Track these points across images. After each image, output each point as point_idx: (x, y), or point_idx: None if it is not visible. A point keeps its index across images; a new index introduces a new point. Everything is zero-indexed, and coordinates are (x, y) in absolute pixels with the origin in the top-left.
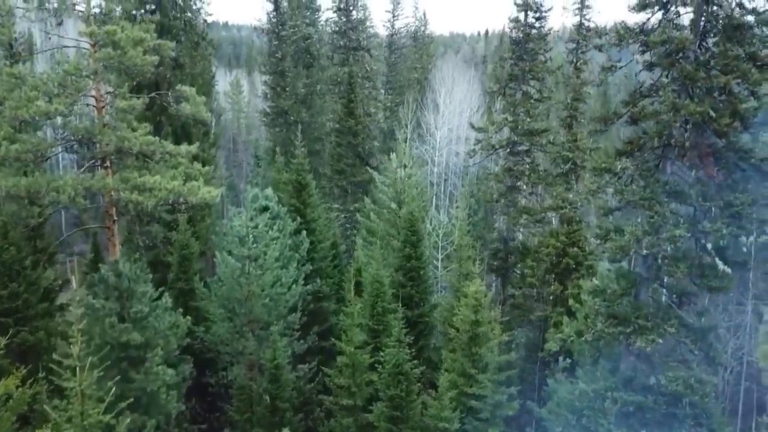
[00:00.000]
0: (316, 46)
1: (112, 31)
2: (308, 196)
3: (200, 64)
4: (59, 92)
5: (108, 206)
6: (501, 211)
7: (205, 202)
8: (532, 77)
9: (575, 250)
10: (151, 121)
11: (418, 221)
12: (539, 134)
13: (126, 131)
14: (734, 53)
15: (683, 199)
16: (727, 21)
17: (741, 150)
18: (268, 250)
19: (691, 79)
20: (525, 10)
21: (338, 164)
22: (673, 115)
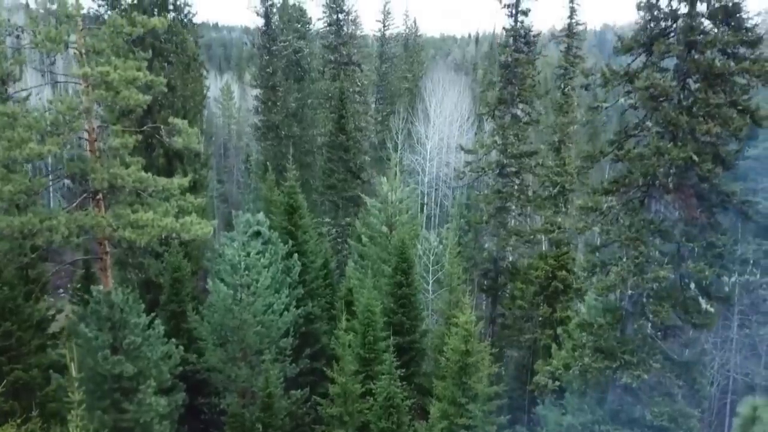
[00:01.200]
0: (306, 60)
1: (105, 72)
2: (300, 218)
3: (191, 86)
4: (52, 131)
5: (100, 238)
6: (491, 232)
7: (198, 238)
8: (521, 100)
9: (564, 273)
10: (143, 141)
11: (409, 248)
12: (528, 156)
13: (118, 168)
14: (716, 101)
15: (668, 237)
16: (709, 69)
17: (723, 193)
18: (260, 278)
19: (675, 124)
20: (514, 36)
21: (329, 179)
22: (656, 159)
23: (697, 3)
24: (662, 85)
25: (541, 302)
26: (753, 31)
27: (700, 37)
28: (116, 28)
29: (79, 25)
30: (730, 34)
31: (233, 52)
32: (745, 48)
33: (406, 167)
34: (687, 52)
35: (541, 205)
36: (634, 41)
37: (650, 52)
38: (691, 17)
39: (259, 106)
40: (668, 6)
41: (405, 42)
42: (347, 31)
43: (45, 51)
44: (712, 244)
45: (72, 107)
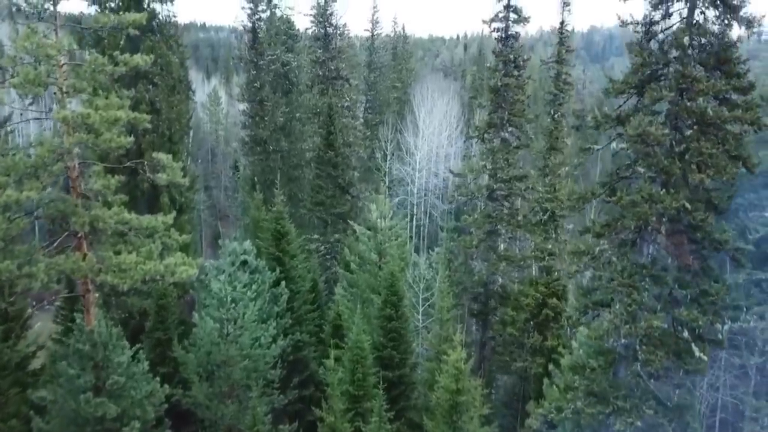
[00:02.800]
0: (294, 73)
1: (86, 115)
2: (287, 244)
3: (177, 108)
4: (31, 174)
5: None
6: (481, 256)
7: (183, 280)
8: (511, 125)
9: (555, 301)
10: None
11: (399, 280)
12: (518, 180)
13: (100, 209)
14: (709, 151)
15: (661, 283)
16: (702, 117)
17: (716, 240)
18: (246, 311)
19: (667, 172)
20: (504, 61)
21: (318, 195)
22: (649, 207)
23: (689, 49)
24: (655, 134)
25: (531, 329)
26: (745, 76)
27: (692, 84)
28: (97, 67)
29: (59, 62)
30: (722, 80)
31: (221, 53)
32: (737, 95)
33: (395, 177)
34: (679, 98)
35: (532, 230)
36: (625, 84)
37: (642, 94)
38: (683, 64)
39: (247, 120)
40: (660, 50)
41: (394, 49)
42: (335, 45)
43: (24, 93)
44: (705, 292)
45: (52, 149)
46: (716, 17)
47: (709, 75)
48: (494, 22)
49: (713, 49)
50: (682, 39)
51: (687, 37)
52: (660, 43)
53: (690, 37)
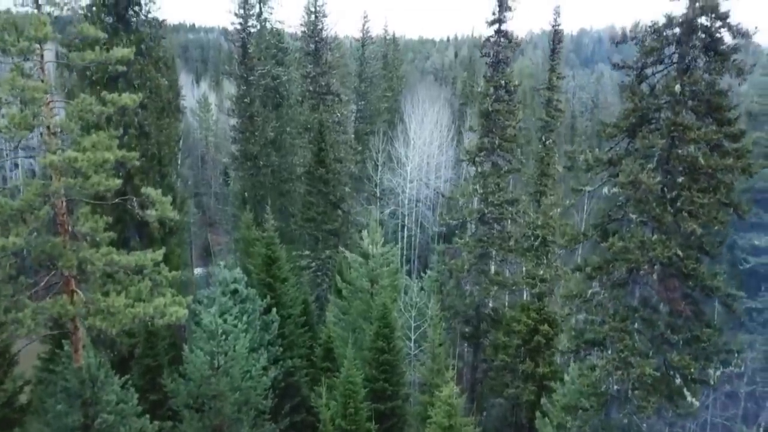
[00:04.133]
0: (285, 86)
1: (73, 159)
2: (278, 270)
3: (166, 132)
4: (17, 217)
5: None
6: (472, 280)
7: (171, 323)
8: (502, 149)
9: (546, 327)
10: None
11: (391, 312)
12: (510, 204)
13: (89, 251)
14: (700, 201)
15: (653, 327)
16: (693, 165)
17: (708, 287)
18: (237, 343)
19: (659, 220)
20: (495, 86)
21: (309, 212)
22: (640, 254)
23: (680, 96)
24: (646, 182)
25: (523, 356)
26: (736, 122)
27: (684, 131)
28: (85, 108)
29: (47, 101)
30: (713, 127)
31: (210, 54)
32: (729, 141)
33: (386, 187)
34: (671, 145)
35: (523, 254)
36: (616, 128)
37: (633, 136)
38: (674, 112)
39: (237, 135)
40: (651, 94)
41: (384, 57)
42: (326, 60)
43: (10, 137)
44: (696, 338)
45: (38, 193)
46: (707, 64)
47: (700, 122)
48: (485, 48)
49: (704, 96)
50: (674, 87)
51: (678, 85)
52: (651, 88)
53: (681, 84)
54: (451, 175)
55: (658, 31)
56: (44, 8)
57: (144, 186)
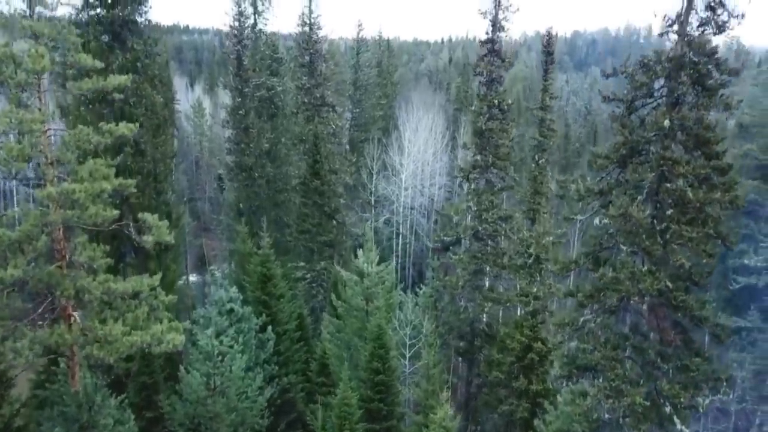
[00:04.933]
0: (280, 97)
1: (71, 191)
2: (273, 287)
3: (162, 149)
4: (15, 249)
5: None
6: (467, 297)
7: (170, 350)
8: (495, 167)
9: (540, 345)
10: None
11: (386, 333)
12: (503, 221)
13: (86, 279)
14: (689, 235)
15: (643, 355)
16: (681, 199)
17: (697, 318)
18: (234, 364)
19: (649, 253)
20: (488, 105)
21: (304, 224)
22: (631, 285)
23: (669, 131)
24: (637, 216)
25: (517, 372)
26: (723, 155)
27: (673, 166)
28: (82, 138)
29: (44, 132)
30: (701, 161)
31: (204, 55)
32: (717, 175)
33: (381, 195)
34: (660, 179)
35: (517, 271)
36: (607, 159)
37: (624, 166)
38: (663, 146)
39: (232, 146)
40: (641, 126)
41: (378, 65)
42: (320, 72)
43: (8, 170)
44: (686, 367)
45: (36, 224)
46: (695, 99)
47: (689, 156)
48: (478, 67)
49: (693, 130)
50: (662, 122)
51: (667, 120)
52: (641, 120)
53: (670, 120)
54: (445, 182)
55: (646, 65)
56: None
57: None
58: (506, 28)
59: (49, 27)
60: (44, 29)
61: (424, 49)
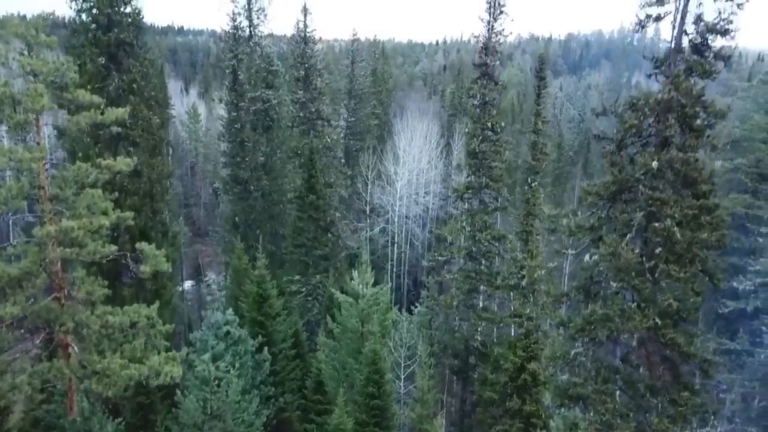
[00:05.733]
0: (275, 110)
1: (70, 229)
2: (269, 308)
3: (158, 169)
4: (14, 286)
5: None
6: (461, 316)
7: (167, 383)
8: (488, 188)
9: (533, 365)
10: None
11: (381, 359)
12: (497, 241)
13: (84, 313)
14: (677, 275)
15: (633, 389)
16: (669, 240)
17: (685, 354)
18: (230, 389)
19: (638, 290)
20: (482, 127)
21: (299, 238)
22: (621, 323)
23: (657, 170)
24: (626, 257)
25: (510, 392)
26: (711, 194)
27: (661, 206)
28: (81, 175)
29: (42, 171)
30: (689, 200)
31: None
32: (704, 215)
33: (376, 204)
34: (648, 219)
35: (510, 291)
36: (597, 195)
37: (614, 202)
38: (652, 187)
39: (227, 160)
40: (631, 163)
41: (374, 72)
42: (316, 86)
43: (7, 209)
44: (674, 401)
45: (35, 261)
46: (682, 140)
47: (677, 195)
48: (472, 90)
49: (681, 171)
50: (651, 163)
51: (655, 162)
52: (631, 158)
53: (658, 161)
54: (440, 189)
55: (635, 106)
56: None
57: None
58: (499, 50)
59: (48, 65)
60: (43, 67)
61: (419, 51)
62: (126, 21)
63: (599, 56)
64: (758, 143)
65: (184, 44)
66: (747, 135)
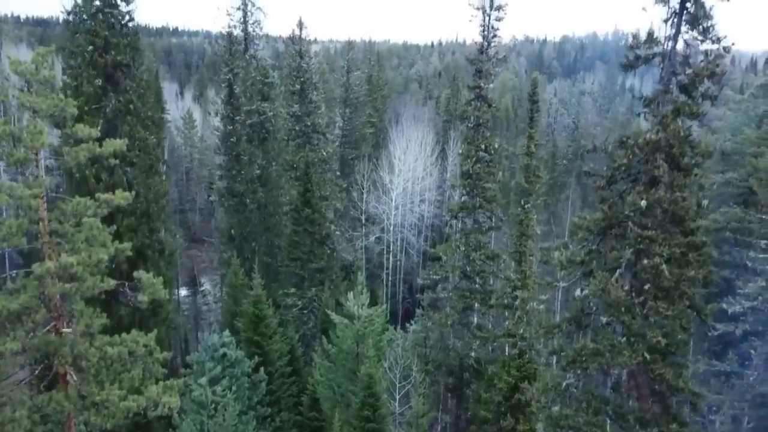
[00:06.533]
0: (271, 122)
1: (69, 264)
2: (265, 328)
3: (155, 189)
4: (13, 320)
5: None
6: (455, 335)
7: (165, 414)
8: (482, 208)
9: (526, 384)
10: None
11: (376, 383)
12: (491, 260)
13: (83, 346)
14: (665, 313)
15: (623, 422)
16: (657, 278)
17: (674, 387)
18: (227, 412)
19: (628, 327)
20: (476, 148)
21: (295, 251)
22: (611, 358)
23: (646, 208)
24: (615, 294)
25: (504, 411)
26: (698, 231)
27: (649, 244)
28: (80, 210)
29: (41, 206)
30: (678, 239)
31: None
32: (692, 253)
33: (372, 214)
34: (637, 256)
35: (504, 310)
36: (588, 231)
37: (604, 235)
38: (640, 226)
39: (223, 173)
40: (620, 199)
41: (369, 79)
42: (311, 99)
43: (8, 247)
44: None
45: (35, 295)
46: (670, 179)
47: (665, 235)
48: (466, 113)
49: (669, 209)
50: (639, 203)
51: (644, 201)
52: (620, 194)
53: (647, 200)
54: (436, 197)
55: (624, 144)
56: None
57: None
58: (493, 73)
59: (47, 101)
60: (43, 104)
61: (414, 53)
62: (123, 43)
63: (594, 58)
64: (749, 157)
65: (179, 45)
66: (738, 148)
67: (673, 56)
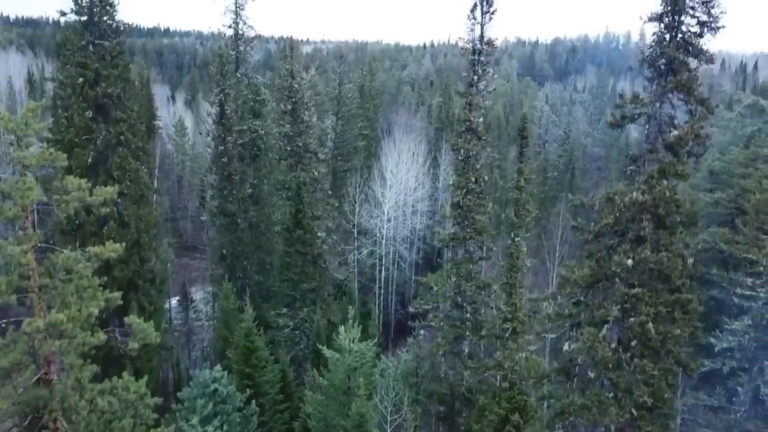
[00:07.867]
0: (263, 139)
1: (59, 321)
2: (257, 360)
3: (146, 219)
4: (4, 375)
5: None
6: (447, 364)
7: None
8: (473, 239)
9: (517, 417)
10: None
11: (368, 421)
12: (481, 290)
13: (73, 398)
14: (651, 372)
15: None
16: (644, 336)
17: None
18: None
19: (615, 384)
20: (466, 181)
21: (287, 272)
22: (599, 414)
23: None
24: (602, 354)
25: None
26: (684, 288)
27: (636, 303)
28: (69, 265)
29: (30, 261)
30: (663, 297)
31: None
32: (678, 310)
33: (363, 228)
34: (623, 314)
35: (495, 340)
36: (576, 285)
37: (591, 287)
38: (627, 285)
39: (215, 192)
40: (608, 255)
41: (361, 89)
42: (303, 119)
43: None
44: None
45: (25, 351)
46: (656, 238)
47: (651, 293)
48: (456, 145)
49: (655, 267)
50: (626, 262)
51: (630, 260)
52: (608, 249)
53: (633, 259)
54: (428, 208)
55: (612, 201)
56: None
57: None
58: (484, 106)
59: (36, 157)
60: (33, 160)
61: (407, 54)
62: (114, 74)
63: (585, 61)
64: (737, 178)
65: (170, 46)
66: (726, 168)
67: (659, 116)
